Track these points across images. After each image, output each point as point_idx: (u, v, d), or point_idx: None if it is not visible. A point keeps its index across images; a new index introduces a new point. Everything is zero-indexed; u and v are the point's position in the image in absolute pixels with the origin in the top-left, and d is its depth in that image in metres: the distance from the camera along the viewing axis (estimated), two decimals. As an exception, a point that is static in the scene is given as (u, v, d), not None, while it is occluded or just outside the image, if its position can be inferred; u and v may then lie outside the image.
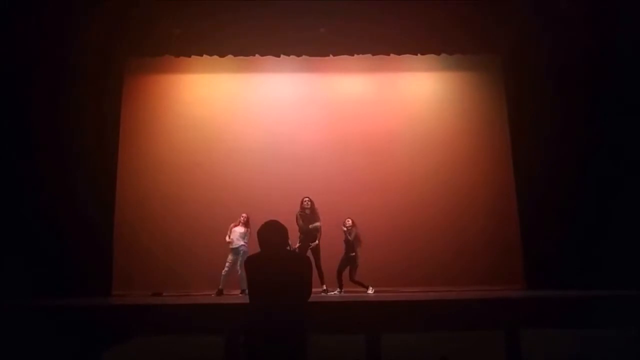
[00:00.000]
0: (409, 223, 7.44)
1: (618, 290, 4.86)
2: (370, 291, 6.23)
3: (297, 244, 6.21)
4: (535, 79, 7.19)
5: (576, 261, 6.41)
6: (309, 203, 6.39)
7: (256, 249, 2.85)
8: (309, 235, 6.27)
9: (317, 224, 6.33)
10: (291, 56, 7.71)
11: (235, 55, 7.66)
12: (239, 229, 6.66)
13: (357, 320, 4.05)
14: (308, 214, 6.35)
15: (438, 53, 7.85)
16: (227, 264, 6.53)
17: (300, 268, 2.82)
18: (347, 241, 6.34)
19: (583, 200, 6.59)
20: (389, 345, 3.88)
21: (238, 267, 6.43)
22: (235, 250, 6.55)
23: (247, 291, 2.90)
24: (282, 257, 2.82)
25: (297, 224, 6.28)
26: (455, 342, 3.81)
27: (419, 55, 7.84)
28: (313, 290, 2.90)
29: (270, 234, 2.83)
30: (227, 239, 6.66)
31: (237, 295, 6.41)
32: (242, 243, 6.57)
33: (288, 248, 3.61)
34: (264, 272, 2.73)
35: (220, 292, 6.49)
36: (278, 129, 7.87)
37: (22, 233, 6.12)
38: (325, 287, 6.27)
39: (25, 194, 6.28)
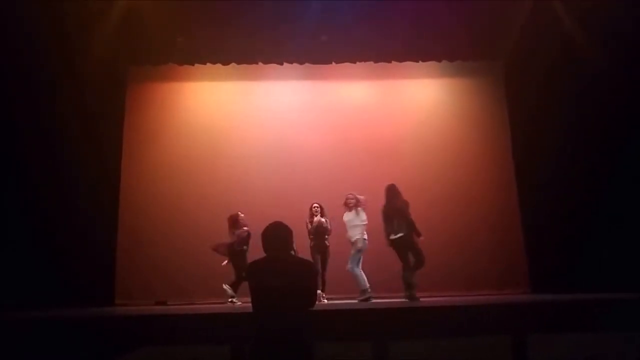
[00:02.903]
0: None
1: (625, 293, 4.83)
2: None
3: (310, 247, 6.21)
4: (536, 85, 7.21)
5: (581, 265, 6.40)
6: (319, 210, 6.35)
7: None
8: (320, 241, 6.24)
9: (323, 219, 6.29)
10: (294, 64, 7.77)
11: (238, 63, 7.73)
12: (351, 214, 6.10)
13: (362, 328, 4.02)
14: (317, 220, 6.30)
15: (439, 60, 7.92)
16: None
17: (305, 274, 2.79)
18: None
19: (586, 204, 6.58)
20: (395, 353, 3.85)
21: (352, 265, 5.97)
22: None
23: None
24: (287, 262, 2.78)
25: (307, 231, 6.26)
26: (461, 348, 3.79)
27: (420, 62, 7.91)
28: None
29: (275, 234, 2.80)
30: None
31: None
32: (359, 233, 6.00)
33: (293, 252, 3.58)
34: (268, 278, 2.67)
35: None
36: (281, 136, 7.90)
37: (22, 241, 6.09)
38: (321, 293, 6.13)
39: (26, 202, 6.26)
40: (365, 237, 6.10)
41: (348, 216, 6.23)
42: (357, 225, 6.14)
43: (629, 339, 3.78)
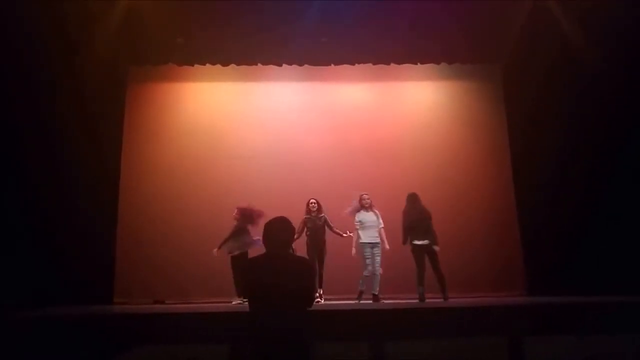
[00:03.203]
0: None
1: (622, 296, 4.84)
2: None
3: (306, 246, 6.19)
4: (535, 86, 7.24)
5: (579, 266, 6.42)
6: (316, 205, 6.33)
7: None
8: (318, 238, 6.23)
9: (322, 215, 6.29)
10: (293, 65, 7.80)
11: (237, 64, 7.75)
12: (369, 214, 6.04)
13: (359, 328, 4.03)
14: (315, 216, 6.31)
15: (438, 62, 7.94)
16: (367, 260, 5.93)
17: (305, 273, 2.79)
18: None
19: (584, 205, 6.60)
20: (391, 353, 3.86)
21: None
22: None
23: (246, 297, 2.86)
24: (287, 260, 2.78)
25: (306, 228, 6.24)
26: (459, 349, 3.80)
27: (418, 64, 7.93)
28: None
29: (279, 231, 2.80)
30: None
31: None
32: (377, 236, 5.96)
33: (291, 251, 3.58)
34: (267, 276, 2.67)
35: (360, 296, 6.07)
36: (281, 137, 7.93)
37: (22, 241, 6.09)
38: (320, 293, 6.16)
39: (26, 202, 6.27)
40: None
41: (364, 216, 6.15)
42: (373, 226, 6.10)
43: (627, 340, 3.79)
